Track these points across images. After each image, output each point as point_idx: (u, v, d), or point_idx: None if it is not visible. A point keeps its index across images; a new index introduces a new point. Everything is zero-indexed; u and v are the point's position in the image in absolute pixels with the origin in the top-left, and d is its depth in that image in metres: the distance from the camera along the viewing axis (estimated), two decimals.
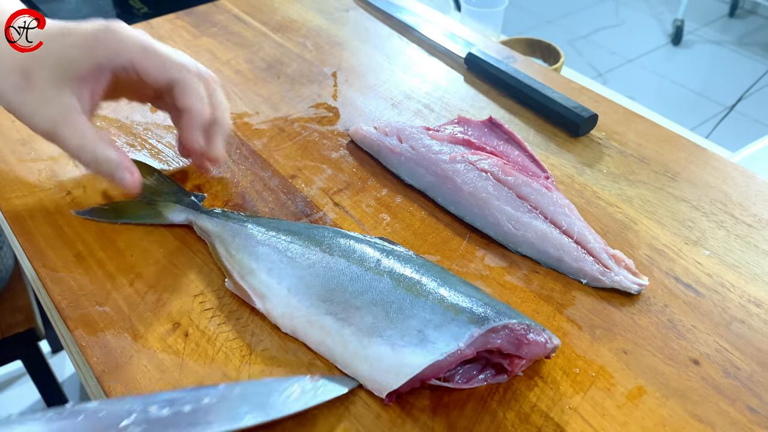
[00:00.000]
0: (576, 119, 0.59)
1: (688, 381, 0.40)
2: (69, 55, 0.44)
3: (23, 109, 0.44)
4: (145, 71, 0.45)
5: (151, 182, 0.52)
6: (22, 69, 0.44)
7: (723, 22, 2.92)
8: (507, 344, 0.38)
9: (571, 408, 0.38)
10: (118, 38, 0.44)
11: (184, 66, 0.46)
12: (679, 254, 0.48)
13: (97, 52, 0.44)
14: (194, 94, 0.47)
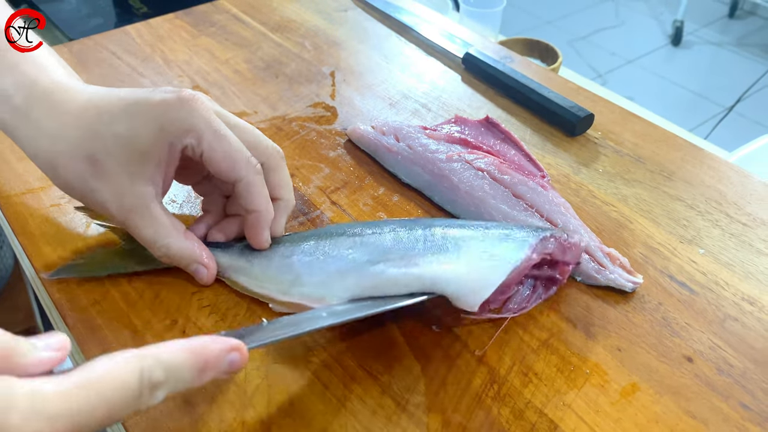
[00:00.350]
0: (572, 119, 0.59)
1: (682, 378, 0.40)
2: (139, 134, 0.39)
3: (93, 196, 0.41)
4: (211, 159, 0.41)
5: None
6: (88, 154, 0.40)
7: (722, 23, 2.93)
8: (556, 250, 0.43)
9: (566, 404, 0.39)
10: (190, 113, 0.40)
11: (252, 166, 0.42)
12: (673, 253, 0.49)
13: (168, 130, 0.40)
14: (260, 196, 0.43)
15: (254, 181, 0.42)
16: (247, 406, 0.38)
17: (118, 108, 0.40)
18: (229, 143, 0.41)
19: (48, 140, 0.41)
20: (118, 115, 0.40)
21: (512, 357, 0.41)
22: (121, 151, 0.40)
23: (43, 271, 0.46)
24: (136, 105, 0.40)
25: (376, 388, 0.40)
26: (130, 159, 0.40)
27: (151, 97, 0.40)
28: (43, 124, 0.41)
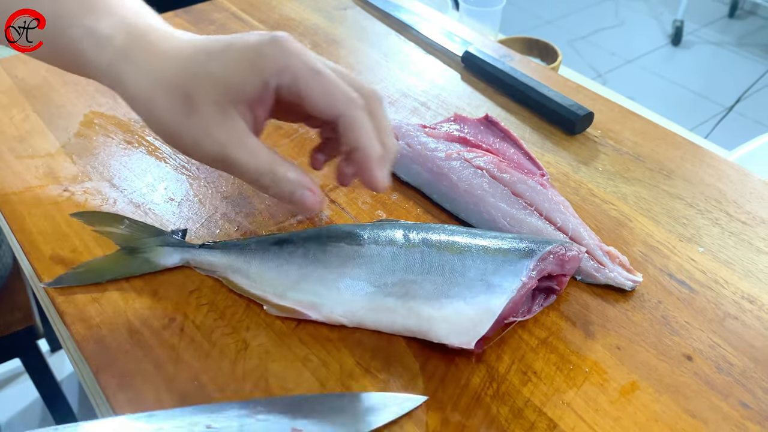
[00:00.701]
0: (572, 117, 0.59)
1: (681, 377, 0.40)
2: (233, 73, 0.39)
3: (185, 136, 0.39)
4: (309, 96, 0.39)
5: (124, 230, 0.47)
6: (183, 92, 0.39)
7: (722, 23, 2.92)
8: (555, 266, 0.43)
9: (565, 403, 0.39)
10: (284, 52, 0.39)
11: (352, 100, 0.40)
12: (673, 251, 0.48)
13: (262, 68, 0.38)
14: (363, 132, 0.40)
15: (356, 116, 0.40)
16: None
17: (214, 48, 0.40)
18: (326, 79, 0.39)
19: (148, 80, 0.40)
20: (214, 55, 0.39)
21: (511, 355, 0.41)
22: (215, 88, 0.39)
23: (42, 277, 0.46)
24: (231, 45, 0.40)
25: (375, 386, 0.39)
26: (224, 97, 0.39)
27: (246, 38, 0.40)
28: (143, 64, 0.40)
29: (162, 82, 0.39)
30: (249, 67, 0.39)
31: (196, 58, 0.40)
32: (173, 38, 0.42)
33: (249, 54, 0.39)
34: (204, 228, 0.50)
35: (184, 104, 0.39)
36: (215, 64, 0.39)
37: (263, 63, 0.39)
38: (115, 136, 0.58)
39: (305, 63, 0.39)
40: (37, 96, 0.63)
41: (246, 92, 0.39)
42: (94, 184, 0.53)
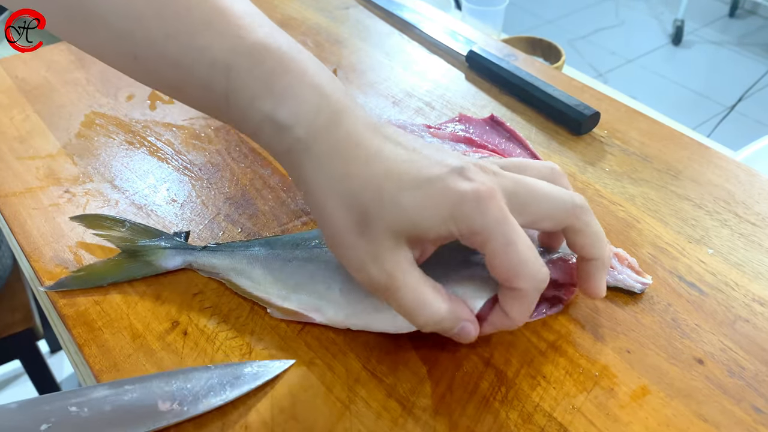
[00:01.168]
0: (578, 117, 0.58)
1: (693, 380, 0.40)
2: (423, 216, 0.36)
3: (351, 253, 0.37)
4: (492, 264, 0.36)
5: (124, 233, 0.46)
6: (363, 210, 0.36)
7: (723, 23, 2.92)
8: (563, 274, 0.42)
9: (575, 408, 0.38)
10: (484, 216, 0.35)
11: (535, 281, 0.37)
12: (682, 253, 0.48)
13: (456, 222, 0.35)
14: (524, 308, 0.38)
15: (529, 295, 0.37)
16: (250, 410, 0.38)
17: (407, 178, 0.36)
18: (516, 254, 0.36)
19: (328, 183, 0.37)
20: (407, 185, 0.36)
21: (520, 360, 0.41)
22: (397, 221, 0.36)
23: (43, 280, 0.45)
24: (429, 182, 0.36)
25: (381, 390, 0.39)
26: (404, 231, 0.36)
27: (447, 181, 0.36)
28: (325, 164, 0.37)
29: (342, 193, 0.37)
30: (442, 216, 0.36)
31: (389, 179, 0.36)
32: (360, 143, 0.37)
33: (447, 203, 0.36)
34: (207, 230, 0.49)
35: (359, 222, 0.36)
36: (407, 197, 0.36)
37: (459, 219, 0.36)
38: (116, 136, 0.58)
39: (499, 232, 0.35)
40: (37, 96, 0.62)
41: (429, 236, 0.37)
42: (96, 185, 0.53)
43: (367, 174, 0.36)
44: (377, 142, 0.37)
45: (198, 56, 0.39)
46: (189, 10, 0.39)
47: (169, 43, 0.39)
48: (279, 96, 0.37)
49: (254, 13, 0.40)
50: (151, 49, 0.40)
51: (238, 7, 0.40)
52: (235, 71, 0.38)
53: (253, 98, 0.38)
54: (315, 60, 0.40)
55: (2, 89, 0.63)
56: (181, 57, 0.39)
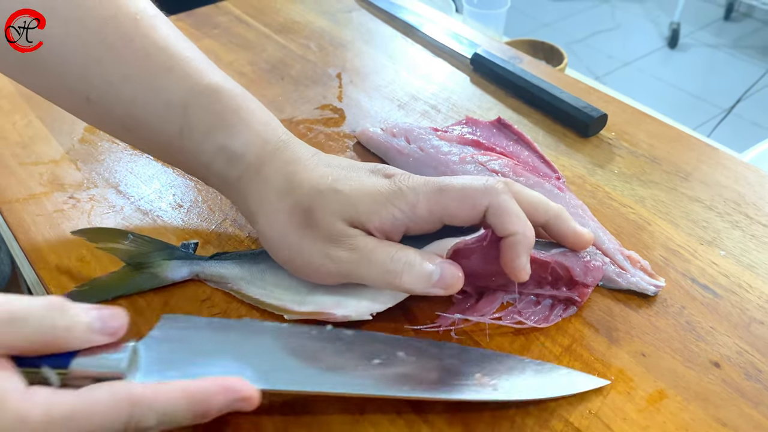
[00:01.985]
0: (585, 119, 0.58)
1: (710, 384, 0.39)
2: (361, 201, 0.39)
3: (306, 250, 0.40)
4: (457, 221, 0.40)
5: (128, 246, 0.45)
6: (307, 207, 0.40)
7: (718, 26, 2.93)
8: (578, 270, 0.42)
9: (591, 413, 0.38)
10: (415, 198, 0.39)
11: (495, 189, 0.39)
12: (694, 255, 0.48)
13: (394, 208, 0.39)
14: (513, 217, 0.39)
15: (501, 202, 0.39)
16: (262, 416, 0.37)
17: (344, 176, 0.41)
18: (465, 194, 0.39)
19: (275, 197, 0.41)
20: (343, 180, 0.40)
21: None
22: (339, 204, 0.39)
23: (48, 288, 0.44)
24: (360, 180, 0.41)
25: None
26: (345, 211, 0.39)
27: (376, 178, 0.41)
28: (272, 181, 0.41)
29: (287, 204, 0.40)
30: (379, 202, 0.39)
31: (323, 184, 0.40)
32: (301, 162, 0.42)
33: (382, 195, 0.39)
34: (214, 234, 0.48)
35: (306, 219, 0.40)
36: (343, 186, 0.40)
37: (393, 205, 0.39)
38: (119, 142, 0.57)
39: (456, 198, 0.39)
40: (39, 102, 0.62)
41: (372, 221, 0.39)
42: (100, 190, 0.52)
43: (308, 184, 0.40)
44: (315, 160, 0.42)
45: (154, 96, 0.42)
46: (148, 56, 0.42)
47: (126, 84, 0.42)
48: (233, 129, 0.42)
49: (207, 60, 0.45)
50: (106, 91, 0.42)
51: (193, 54, 0.44)
52: (192, 109, 0.42)
53: (208, 132, 0.42)
54: (261, 104, 0.45)
55: (3, 95, 0.63)
56: (137, 95, 0.42)
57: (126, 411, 0.30)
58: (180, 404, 0.31)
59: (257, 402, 0.33)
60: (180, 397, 0.31)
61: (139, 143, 0.45)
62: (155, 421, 0.30)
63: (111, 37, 0.41)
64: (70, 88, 0.43)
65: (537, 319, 0.42)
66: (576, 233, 0.43)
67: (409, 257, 0.39)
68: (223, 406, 0.32)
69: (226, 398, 0.32)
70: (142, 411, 0.30)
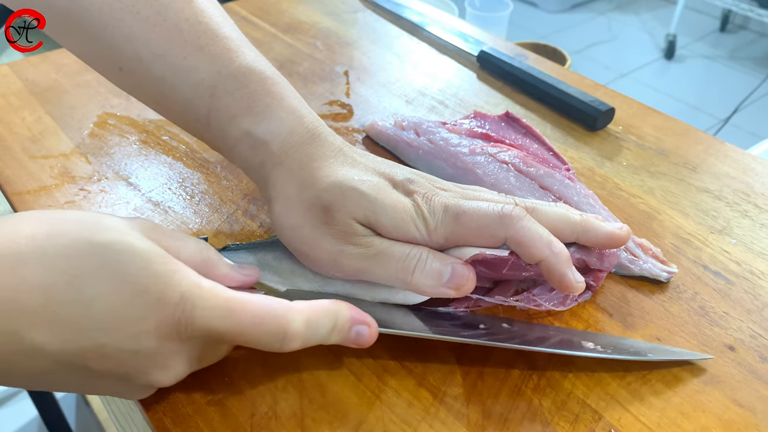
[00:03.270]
0: (593, 113, 0.58)
1: (725, 367, 0.39)
2: (381, 200, 0.40)
3: (323, 246, 0.40)
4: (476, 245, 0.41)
5: None
6: (324, 206, 0.40)
7: (714, 37, 2.95)
8: (594, 260, 0.42)
9: (608, 395, 0.37)
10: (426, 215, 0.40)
11: (511, 219, 0.39)
12: (705, 243, 0.48)
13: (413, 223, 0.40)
14: (536, 244, 0.39)
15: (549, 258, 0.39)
16: (278, 400, 0.37)
17: (365, 175, 0.41)
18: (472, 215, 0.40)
19: (294, 189, 0.41)
20: (364, 179, 0.41)
21: None
22: (359, 204, 0.39)
23: None
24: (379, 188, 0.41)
25: (411, 380, 0.38)
26: (364, 211, 0.40)
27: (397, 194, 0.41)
28: (295, 175, 0.41)
29: (306, 198, 0.40)
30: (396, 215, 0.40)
31: (345, 183, 0.40)
32: (325, 159, 0.41)
33: (401, 214, 0.40)
34: (226, 224, 0.49)
35: (324, 217, 0.39)
36: (366, 186, 0.40)
37: (414, 224, 0.40)
38: (130, 136, 0.57)
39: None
40: (48, 98, 0.62)
41: (385, 223, 0.40)
42: (111, 183, 0.52)
43: (330, 181, 0.40)
44: (341, 158, 0.42)
45: (183, 76, 0.42)
46: (180, 32, 0.42)
47: (156, 62, 0.42)
48: (259, 115, 0.41)
49: (241, 37, 0.44)
50: (136, 65, 0.42)
51: (226, 30, 0.43)
52: (220, 92, 0.42)
53: (234, 116, 0.42)
54: (291, 87, 0.44)
55: (13, 91, 0.63)
56: (166, 75, 0.42)
57: (286, 315, 0.33)
58: (323, 316, 0.35)
59: (376, 334, 0.36)
60: (322, 309, 0.35)
61: (169, 117, 0.45)
62: (303, 330, 0.34)
63: (144, 10, 0.41)
64: (104, 57, 0.43)
65: (554, 303, 0.42)
66: (609, 235, 0.42)
67: (422, 255, 0.39)
68: (346, 323, 0.35)
69: (351, 316, 0.36)
70: (297, 318, 0.34)
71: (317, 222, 0.40)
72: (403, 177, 0.42)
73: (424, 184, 0.42)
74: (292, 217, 0.41)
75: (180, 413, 0.36)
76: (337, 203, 0.39)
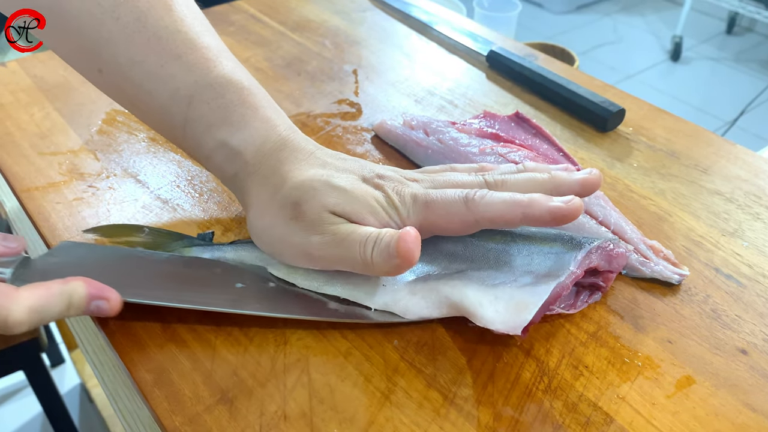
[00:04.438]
0: (604, 114, 0.58)
1: (737, 371, 0.39)
2: (355, 195, 0.41)
3: (291, 239, 0.40)
4: (450, 234, 0.42)
5: (146, 238, 0.45)
6: (294, 202, 0.40)
7: (721, 39, 2.94)
8: (602, 262, 0.42)
9: (620, 397, 0.37)
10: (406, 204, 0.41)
11: (474, 202, 0.40)
12: (717, 245, 0.47)
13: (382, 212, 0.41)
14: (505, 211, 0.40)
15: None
16: (287, 400, 0.37)
17: (338, 171, 0.42)
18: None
19: (266, 195, 0.41)
20: (337, 175, 0.41)
21: (560, 350, 0.40)
22: (332, 196, 0.40)
23: None
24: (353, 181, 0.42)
25: (421, 380, 0.38)
26: (337, 203, 0.40)
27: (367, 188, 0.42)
28: (267, 180, 0.42)
29: (278, 199, 0.41)
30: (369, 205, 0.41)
31: (317, 179, 0.41)
32: (296, 163, 0.42)
33: (374, 205, 0.41)
34: (235, 223, 0.48)
35: (295, 211, 0.40)
36: (340, 181, 0.41)
37: (386, 214, 0.41)
38: (138, 133, 0.57)
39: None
40: (57, 94, 0.62)
41: (364, 215, 0.40)
42: (119, 180, 0.52)
43: (300, 179, 0.40)
44: (311, 160, 0.42)
45: (161, 84, 0.42)
46: (159, 39, 0.42)
47: (134, 68, 0.42)
48: (234, 125, 0.42)
49: (220, 46, 0.44)
50: (115, 69, 0.43)
51: (205, 40, 0.43)
52: (196, 101, 0.42)
53: (209, 126, 0.42)
54: (268, 97, 0.45)
55: (21, 87, 0.63)
56: (144, 82, 0.42)
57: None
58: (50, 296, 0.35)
59: (118, 306, 0.38)
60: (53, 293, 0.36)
61: (148, 122, 0.46)
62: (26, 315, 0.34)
63: (125, 16, 0.42)
64: (83, 58, 0.44)
65: (564, 306, 0.41)
66: (581, 183, 0.42)
67: (380, 233, 0.38)
68: (86, 299, 0.37)
69: (90, 292, 0.37)
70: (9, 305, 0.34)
71: (287, 220, 0.40)
72: (372, 173, 0.42)
73: (393, 177, 0.42)
74: (265, 218, 0.41)
75: (189, 412, 0.36)
76: (307, 196, 0.40)
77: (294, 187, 0.40)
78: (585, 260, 0.41)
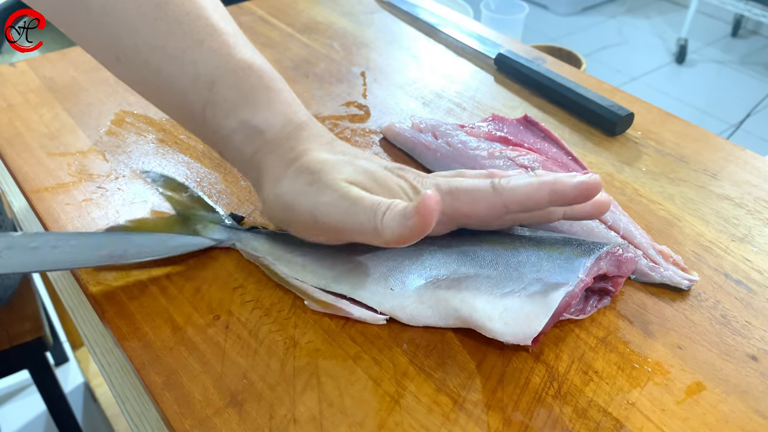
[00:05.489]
0: (612, 118, 0.58)
1: (748, 377, 0.39)
2: (375, 171, 0.41)
3: (303, 200, 0.40)
4: (473, 223, 0.43)
5: (185, 199, 0.49)
6: (314, 170, 0.40)
7: (726, 42, 2.94)
8: (611, 267, 0.42)
9: (630, 403, 0.37)
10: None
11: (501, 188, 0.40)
12: (726, 251, 0.47)
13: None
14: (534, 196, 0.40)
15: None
16: (297, 403, 0.37)
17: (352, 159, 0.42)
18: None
19: (282, 169, 0.41)
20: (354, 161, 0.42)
21: (570, 355, 0.40)
22: (353, 170, 0.41)
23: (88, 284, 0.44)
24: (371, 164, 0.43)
25: (431, 385, 0.38)
26: (357, 175, 0.40)
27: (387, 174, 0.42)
28: (284, 159, 0.42)
29: (293, 170, 0.41)
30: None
31: (340, 157, 0.41)
32: (313, 145, 0.42)
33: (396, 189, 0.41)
34: (243, 224, 0.48)
35: (312, 179, 0.40)
36: (362, 162, 0.42)
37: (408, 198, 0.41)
38: (147, 134, 0.57)
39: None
40: (66, 95, 0.62)
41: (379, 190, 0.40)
42: (128, 181, 0.52)
43: (320, 158, 0.41)
44: (332, 144, 0.43)
45: (182, 69, 0.42)
46: (181, 25, 0.42)
47: (154, 53, 0.42)
48: (257, 106, 0.43)
49: (239, 33, 0.45)
50: (134, 56, 0.43)
51: (226, 26, 0.44)
52: (219, 86, 0.42)
53: (231, 108, 0.42)
54: (287, 86, 0.45)
55: (31, 88, 0.63)
56: (163, 66, 0.42)
57: None
58: None
59: None
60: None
61: (164, 109, 0.46)
62: None
63: (146, 3, 0.42)
64: (102, 45, 0.44)
65: (573, 311, 0.41)
66: (577, 187, 0.39)
67: (393, 202, 0.38)
68: None
69: None
70: None
71: (301, 185, 0.40)
72: (393, 165, 0.43)
73: (413, 170, 0.43)
74: (279, 186, 0.41)
75: (199, 415, 0.36)
76: (327, 167, 0.40)
77: (313, 160, 0.41)
78: (594, 267, 0.41)
